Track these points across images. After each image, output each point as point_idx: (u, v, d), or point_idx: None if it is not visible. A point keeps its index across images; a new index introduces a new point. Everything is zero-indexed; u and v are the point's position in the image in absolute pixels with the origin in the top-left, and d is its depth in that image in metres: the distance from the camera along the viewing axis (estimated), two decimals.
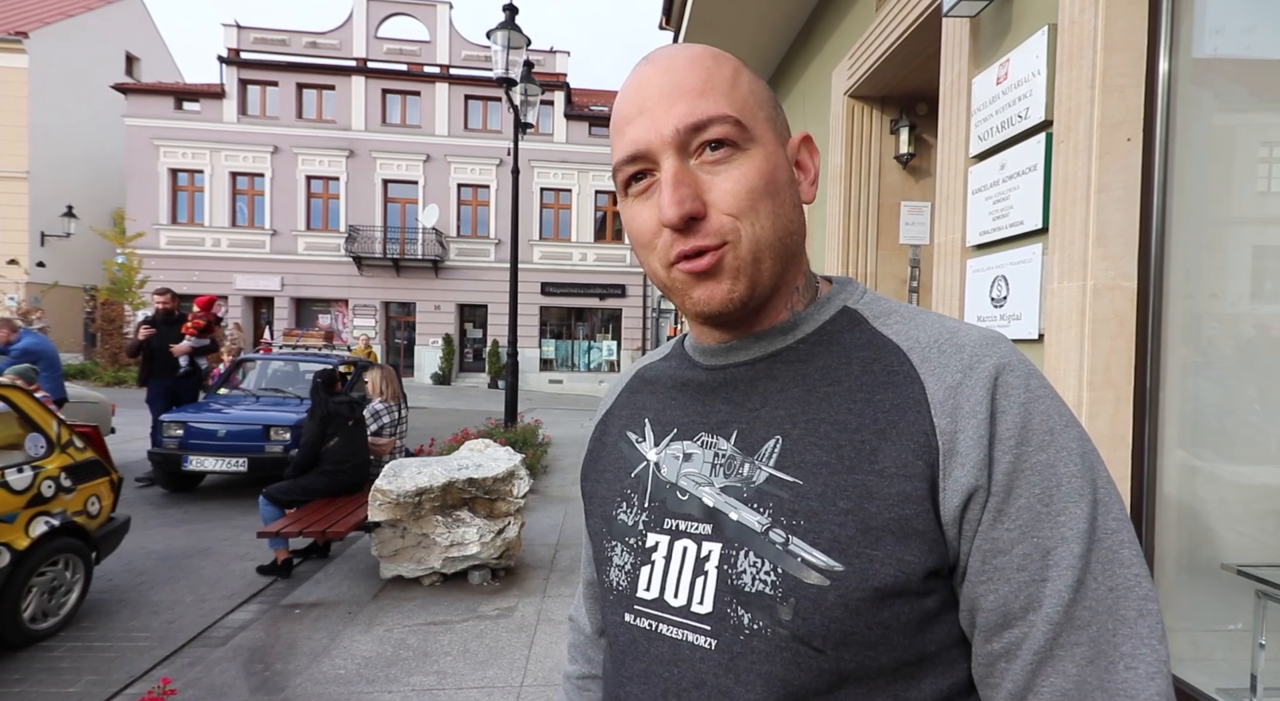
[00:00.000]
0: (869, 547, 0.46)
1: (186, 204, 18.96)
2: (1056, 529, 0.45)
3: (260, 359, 7.44)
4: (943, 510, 0.46)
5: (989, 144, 1.91)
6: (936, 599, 0.47)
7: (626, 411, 0.65)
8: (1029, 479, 0.45)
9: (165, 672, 2.82)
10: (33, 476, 3.14)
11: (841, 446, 0.49)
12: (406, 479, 3.82)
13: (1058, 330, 1.56)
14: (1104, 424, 1.46)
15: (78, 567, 3.39)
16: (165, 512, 5.49)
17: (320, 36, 19.23)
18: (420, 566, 3.85)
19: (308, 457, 4.38)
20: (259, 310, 19.52)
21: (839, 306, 0.56)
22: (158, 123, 18.53)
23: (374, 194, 19.39)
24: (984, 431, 0.46)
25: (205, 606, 3.69)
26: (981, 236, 1.94)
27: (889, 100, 3.29)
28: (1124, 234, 1.47)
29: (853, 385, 0.51)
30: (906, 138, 3.22)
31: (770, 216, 0.51)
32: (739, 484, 0.52)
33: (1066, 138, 1.55)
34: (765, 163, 0.51)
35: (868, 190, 3.35)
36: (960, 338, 0.50)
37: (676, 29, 4.74)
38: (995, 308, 1.87)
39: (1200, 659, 1.41)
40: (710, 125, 0.50)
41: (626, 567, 0.57)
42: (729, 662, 0.49)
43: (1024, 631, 0.45)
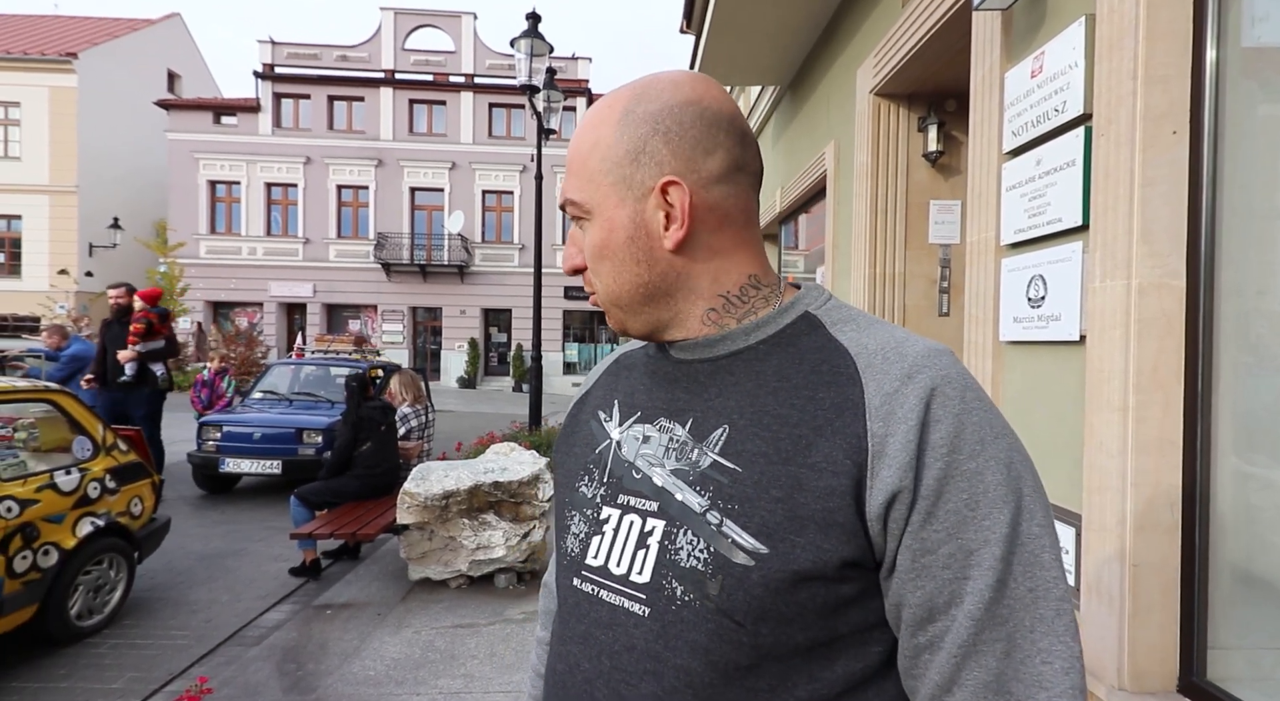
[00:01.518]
0: (793, 534, 0.50)
1: (224, 214, 19.55)
2: (980, 531, 0.48)
3: (293, 364, 7.62)
4: (867, 507, 0.50)
5: (1024, 139, 1.85)
6: (853, 587, 0.51)
7: (602, 392, 0.71)
8: (958, 485, 0.49)
9: (202, 671, 2.89)
10: (80, 478, 3.25)
11: (780, 439, 0.53)
12: (434, 482, 3.85)
13: (1101, 331, 1.50)
14: (1152, 428, 1.40)
15: (121, 567, 3.49)
16: (203, 514, 5.64)
17: (350, 49, 19.70)
18: (447, 569, 3.88)
19: (340, 461, 4.45)
20: (292, 316, 20.00)
21: (800, 311, 0.60)
22: (197, 137, 19.16)
23: (401, 202, 19.75)
24: (913, 438, 0.49)
25: (240, 606, 3.78)
26: (1017, 234, 1.89)
27: (916, 97, 3.23)
28: (1171, 230, 1.41)
29: (800, 383, 0.55)
30: (935, 135, 3.15)
31: (610, 274, 0.60)
32: (687, 467, 0.57)
33: (1107, 131, 1.49)
34: (600, 230, 0.59)
35: (895, 189, 3.29)
36: (905, 348, 0.54)
37: (698, 33, 4.73)
38: (1032, 308, 1.81)
39: (1260, 678, 1.33)
40: (564, 205, 0.62)
41: (580, 536, 0.62)
42: (660, 630, 0.53)
43: (946, 625, 0.49)
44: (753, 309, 0.61)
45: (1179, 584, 1.40)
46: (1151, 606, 1.40)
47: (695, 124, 0.57)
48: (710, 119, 0.57)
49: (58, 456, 3.37)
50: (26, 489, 2.96)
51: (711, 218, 0.58)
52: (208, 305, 19.31)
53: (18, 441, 3.54)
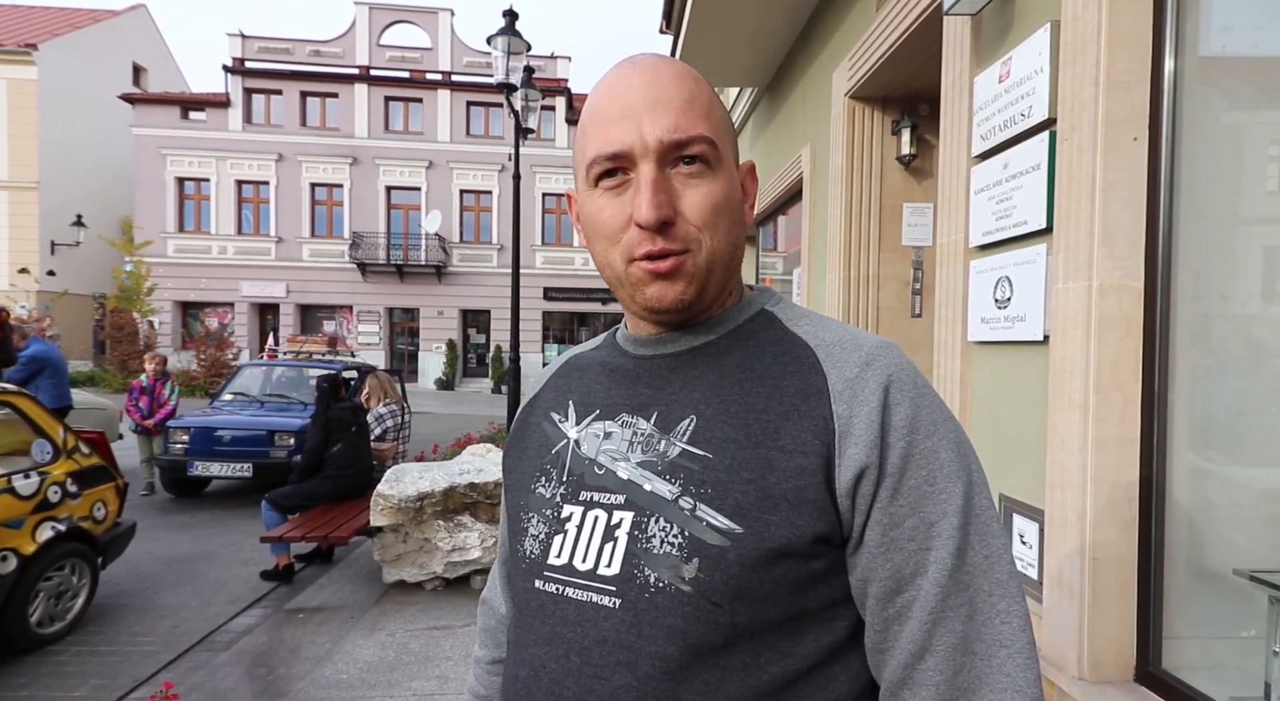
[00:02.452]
0: (766, 513, 0.52)
1: (193, 212, 19.08)
2: (939, 505, 0.52)
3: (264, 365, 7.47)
4: (837, 483, 0.52)
5: (991, 143, 1.90)
6: (822, 562, 0.53)
7: (553, 395, 0.70)
8: (918, 462, 0.52)
9: (169, 676, 2.82)
10: (39, 482, 3.15)
11: (749, 424, 0.55)
12: (408, 484, 3.81)
13: (1063, 331, 1.54)
14: (1111, 426, 1.44)
15: (84, 572, 3.39)
16: (171, 518, 5.51)
17: (323, 45, 19.37)
18: (422, 571, 3.84)
19: (311, 463, 4.38)
20: (265, 317, 19.60)
21: (757, 309, 0.64)
22: (164, 132, 18.68)
23: (377, 200, 19.47)
24: (876, 418, 0.53)
25: (210, 611, 3.69)
26: (984, 237, 1.93)
27: (890, 101, 3.28)
28: (1130, 233, 1.45)
29: (764, 373, 0.58)
30: (908, 138, 3.21)
31: (727, 232, 0.58)
32: (654, 458, 0.57)
33: (1070, 136, 1.53)
34: (728, 184, 0.58)
35: (869, 192, 3.33)
36: (860, 340, 0.58)
37: (676, 33, 4.74)
38: (999, 309, 1.85)
39: (1212, 666, 1.38)
40: (692, 143, 0.56)
41: (540, 536, 0.61)
42: (632, 619, 0.53)
43: (914, 595, 0.51)
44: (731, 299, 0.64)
45: (1135, 576, 1.45)
46: (1110, 598, 1.44)
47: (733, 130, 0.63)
48: None
49: (15, 460, 3.27)
50: None
51: None
52: (176, 305, 18.84)
53: None
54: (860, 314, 3.34)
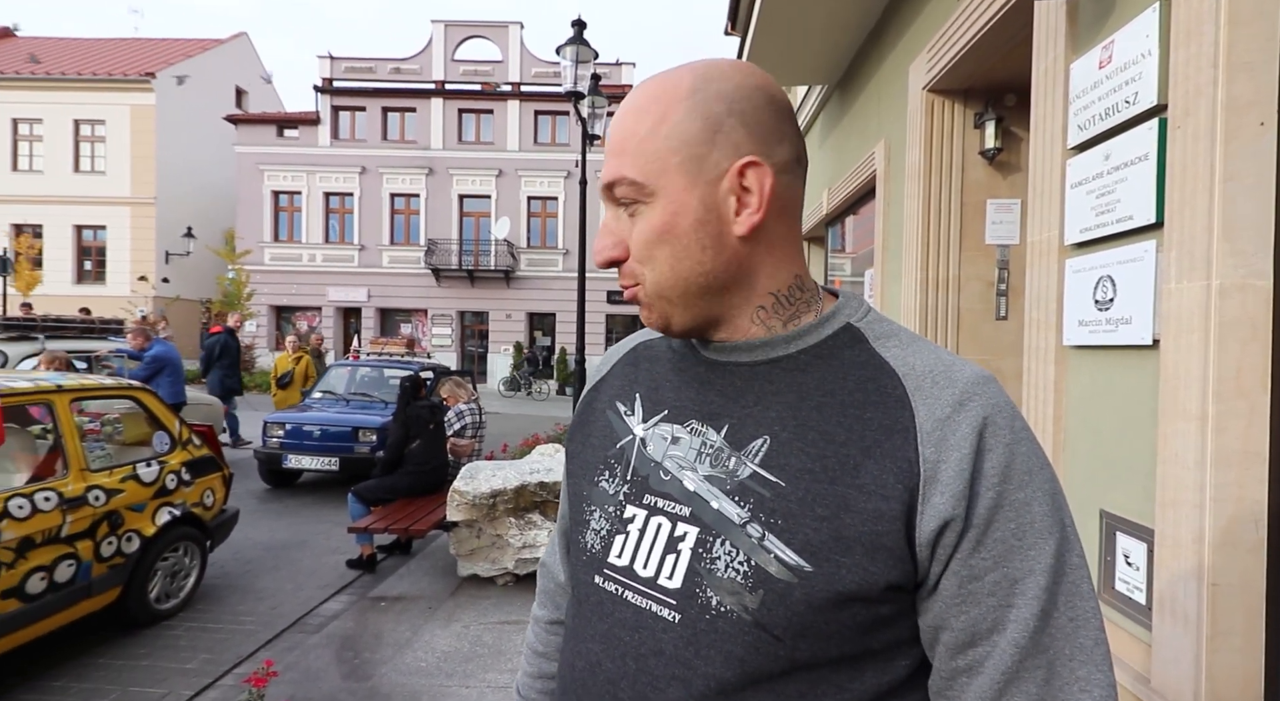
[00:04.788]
0: (839, 554, 0.50)
1: (287, 223, 20.46)
2: (1026, 561, 0.49)
3: (350, 365, 7.92)
4: (917, 532, 0.50)
5: (1090, 133, 1.78)
6: (892, 607, 0.51)
7: (619, 382, 0.68)
8: (1006, 514, 0.50)
9: (268, 655, 3.03)
10: (159, 470, 3.46)
11: (827, 456, 0.52)
12: (482, 481, 3.94)
13: (1176, 335, 1.42)
14: (1234, 438, 1.32)
15: (195, 554, 3.70)
16: (269, 506, 5.92)
17: (403, 62, 20.36)
18: (494, 566, 3.96)
19: (392, 458, 4.60)
20: (349, 320, 20.77)
21: (841, 323, 0.59)
22: (262, 149, 20.13)
23: (451, 209, 20.27)
24: (967, 466, 0.50)
25: (302, 595, 3.94)
26: (1083, 234, 1.81)
27: (973, 93, 3.13)
28: (1257, 227, 1.32)
29: (845, 400, 0.54)
30: (992, 131, 3.05)
31: (668, 262, 0.56)
32: (723, 475, 0.55)
33: (1184, 123, 1.42)
34: (663, 214, 0.55)
35: (949, 188, 3.19)
36: (955, 373, 0.54)
37: (743, 34, 4.70)
38: (1100, 311, 1.73)
39: None
40: (615, 185, 0.57)
41: (602, 533, 0.61)
42: (691, 637, 0.53)
43: (988, 651, 0.49)
44: (796, 314, 0.59)
45: (1265, 606, 1.32)
46: (1233, 629, 1.32)
47: (767, 109, 0.56)
48: (778, 107, 0.56)
49: (139, 449, 3.60)
50: (112, 479, 3.18)
51: (777, 206, 0.57)
52: (271, 309, 20.24)
53: (105, 435, 3.80)
54: (939, 317, 3.20)
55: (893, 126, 3.71)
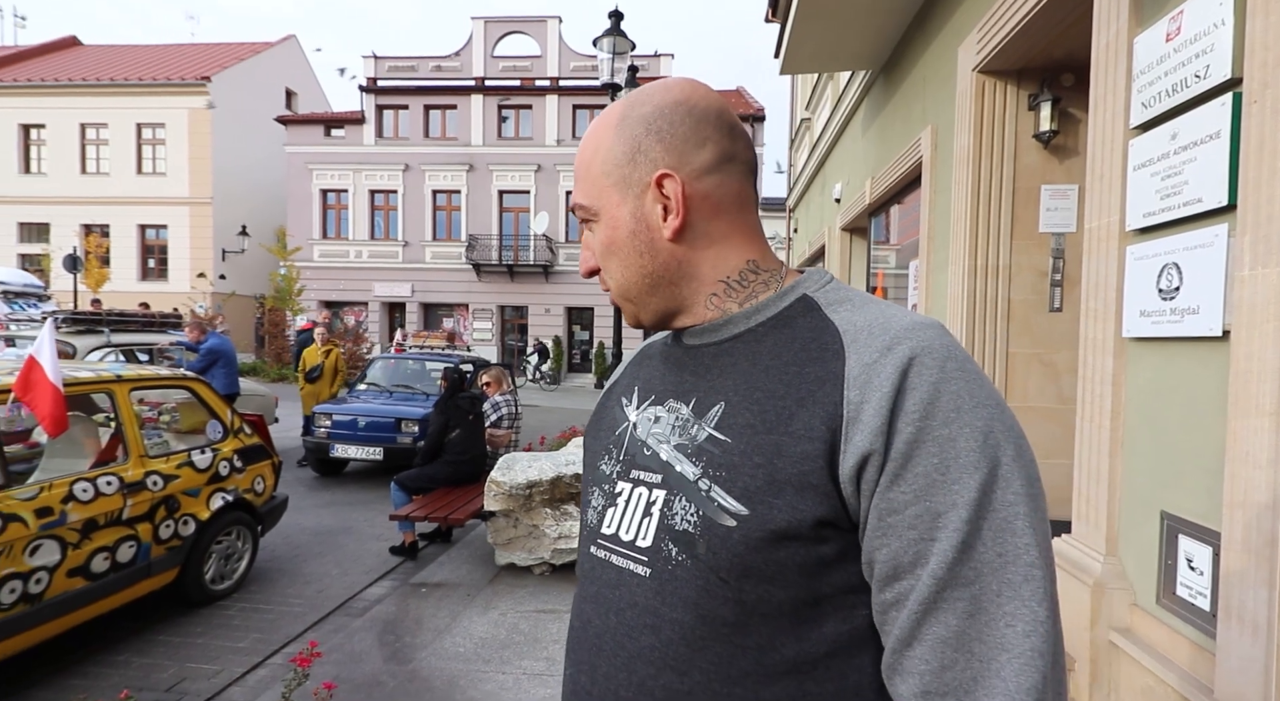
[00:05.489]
0: (771, 496, 0.54)
1: (334, 220, 21.09)
2: (949, 495, 0.50)
3: (393, 358, 8.12)
4: (840, 470, 0.53)
5: (1155, 111, 1.67)
6: (832, 547, 0.54)
7: (627, 380, 0.76)
8: (929, 449, 0.51)
9: (314, 636, 3.13)
10: (212, 457, 3.62)
11: (767, 411, 0.57)
12: (518, 472, 3.99)
13: (1249, 326, 1.33)
14: None
15: (247, 538, 3.85)
16: (316, 494, 6.13)
17: (444, 60, 20.68)
18: (531, 555, 4.01)
19: (432, 448, 4.70)
20: (393, 314, 21.30)
21: (799, 294, 0.64)
22: (311, 149, 20.78)
23: (491, 204, 20.54)
24: (886, 404, 0.52)
25: (348, 579, 4.07)
26: (1146, 218, 1.71)
27: (1027, 73, 2.99)
28: None
29: (790, 360, 0.59)
30: (1048, 113, 2.91)
31: (619, 269, 0.65)
32: (687, 442, 0.61)
33: (1262, 97, 1.31)
34: (606, 229, 0.65)
35: (1001, 174, 3.06)
36: (892, 322, 0.56)
37: (783, 21, 4.60)
38: (1164, 300, 1.63)
39: None
40: (575, 209, 0.68)
41: (599, 508, 0.68)
42: (658, 588, 0.59)
43: (911, 584, 0.51)
44: (754, 293, 0.65)
45: None
46: None
47: (685, 121, 0.62)
48: (699, 115, 0.62)
49: (194, 437, 3.76)
50: (169, 465, 3.33)
51: (706, 205, 0.63)
52: (321, 304, 20.90)
53: (162, 423, 3.99)
54: (988, 307, 3.08)
55: (940, 111, 3.58)
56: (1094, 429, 1.94)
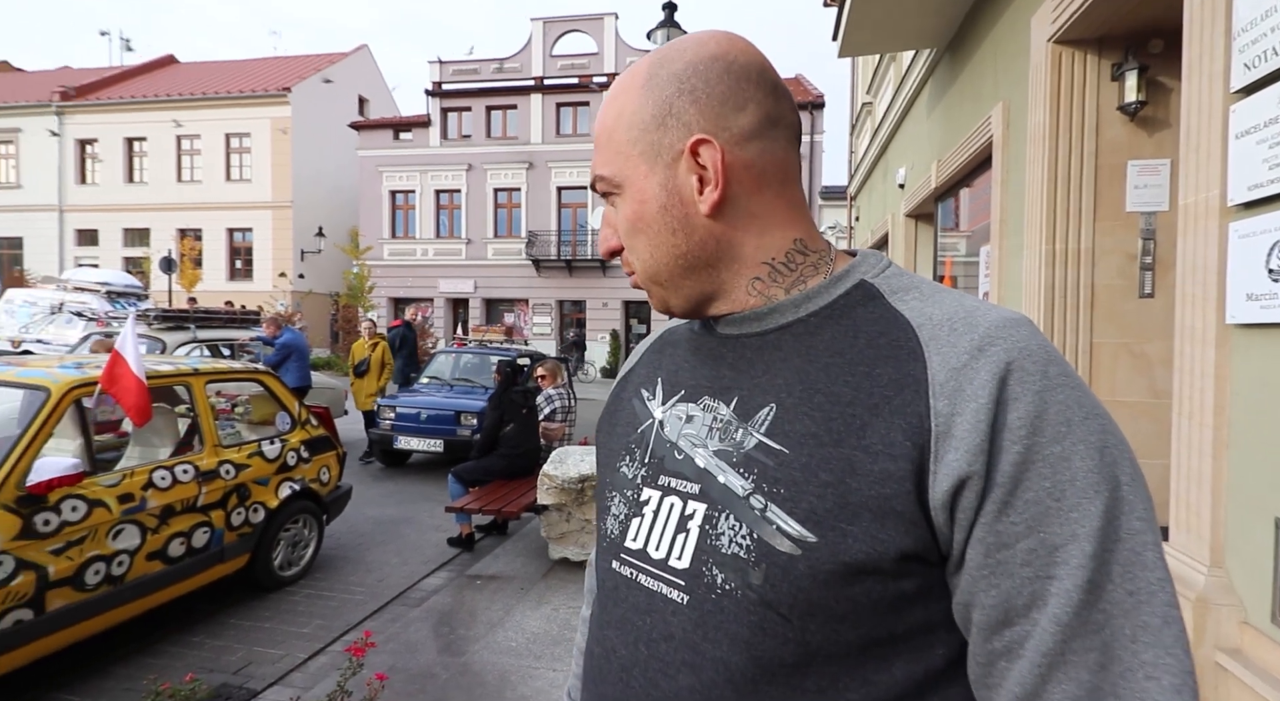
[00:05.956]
0: (845, 522, 0.46)
1: (402, 220, 21.91)
2: (1067, 525, 0.43)
3: (454, 352, 8.35)
4: (931, 494, 0.45)
5: (1261, 72, 1.47)
6: (914, 582, 0.46)
7: (645, 370, 0.67)
8: (1039, 471, 0.43)
9: (372, 625, 3.23)
10: (281, 447, 3.78)
11: (832, 418, 0.49)
12: (571, 466, 3.99)
13: None
14: None
15: (313, 526, 4.02)
16: (380, 484, 6.36)
17: (504, 61, 21.07)
18: (584, 550, 4.00)
19: (488, 441, 4.78)
20: (457, 310, 21.98)
21: (854, 281, 0.56)
22: (381, 152, 21.64)
23: (550, 201, 20.82)
24: (985, 418, 0.44)
25: (407, 569, 4.19)
26: (1252, 192, 1.51)
27: (1109, 41, 2.72)
28: None
29: (855, 358, 0.51)
30: (1134, 83, 2.64)
31: (647, 248, 0.57)
32: (730, 448, 0.53)
33: None
34: (632, 203, 0.56)
35: (1081, 150, 2.80)
36: (977, 317, 0.48)
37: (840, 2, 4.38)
38: (1274, 282, 1.44)
39: None
40: (595, 183, 0.59)
41: (620, 517, 0.60)
42: (699, 619, 0.50)
43: (1027, 629, 0.43)
44: (801, 277, 0.56)
45: None
46: None
47: (722, 79, 0.54)
48: (738, 72, 0.54)
49: (264, 428, 3.95)
50: (241, 455, 3.50)
51: (748, 177, 0.54)
52: (390, 301, 21.79)
53: (236, 414, 4.22)
54: (1069, 294, 2.83)
55: (1012, 87, 3.33)
56: (1194, 427, 1.73)
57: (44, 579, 2.48)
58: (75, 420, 2.85)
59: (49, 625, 2.52)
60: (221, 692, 2.66)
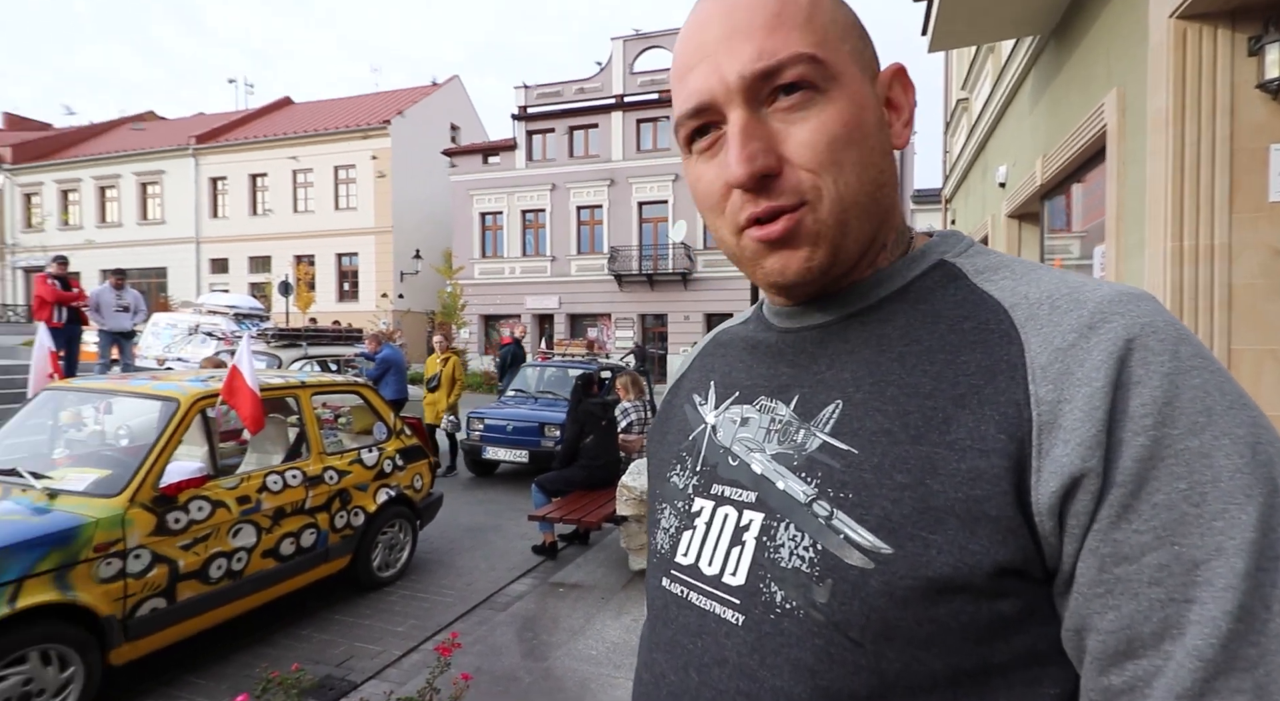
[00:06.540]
0: (926, 530, 0.39)
1: (492, 240, 22.95)
2: (1210, 535, 0.35)
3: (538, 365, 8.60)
4: (1034, 496, 0.38)
5: None
6: (1014, 603, 0.39)
7: (697, 374, 0.62)
8: (1172, 469, 0.36)
9: (460, 627, 3.35)
10: (378, 455, 4.02)
11: (909, 413, 0.43)
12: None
13: None
14: None
15: (407, 531, 4.23)
16: (471, 492, 6.62)
17: (586, 82, 21.72)
18: None
19: (568, 453, 4.86)
20: (543, 326, 22.69)
21: (934, 260, 0.49)
22: (472, 176, 22.83)
23: (631, 216, 21.15)
24: (1101, 403, 0.37)
25: (494, 574, 4.32)
26: None
27: (1243, 12, 2.43)
28: None
29: (934, 345, 0.44)
30: (1277, 58, 2.34)
31: (857, 169, 0.45)
32: (791, 451, 0.47)
33: None
34: (850, 105, 0.45)
35: (1212, 135, 2.52)
36: (1084, 293, 0.41)
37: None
38: None
39: None
40: (783, 68, 0.43)
41: (670, 531, 0.54)
42: (755, 642, 0.44)
43: (1156, 664, 0.35)
44: (893, 253, 0.50)
45: None
46: None
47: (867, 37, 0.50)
48: None
49: (363, 437, 4.22)
50: (342, 462, 3.75)
51: None
52: (480, 318, 22.81)
53: (339, 424, 4.53)
54: (1201, 294, 2.54)
55: (1128, 70, 3.05)
56: None
57: (175, 571, 2.75)
58: (201, 428, 3.15)
59: (179, 613, 2.79)
60: (325, 683, 2.83)
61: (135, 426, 3.42)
